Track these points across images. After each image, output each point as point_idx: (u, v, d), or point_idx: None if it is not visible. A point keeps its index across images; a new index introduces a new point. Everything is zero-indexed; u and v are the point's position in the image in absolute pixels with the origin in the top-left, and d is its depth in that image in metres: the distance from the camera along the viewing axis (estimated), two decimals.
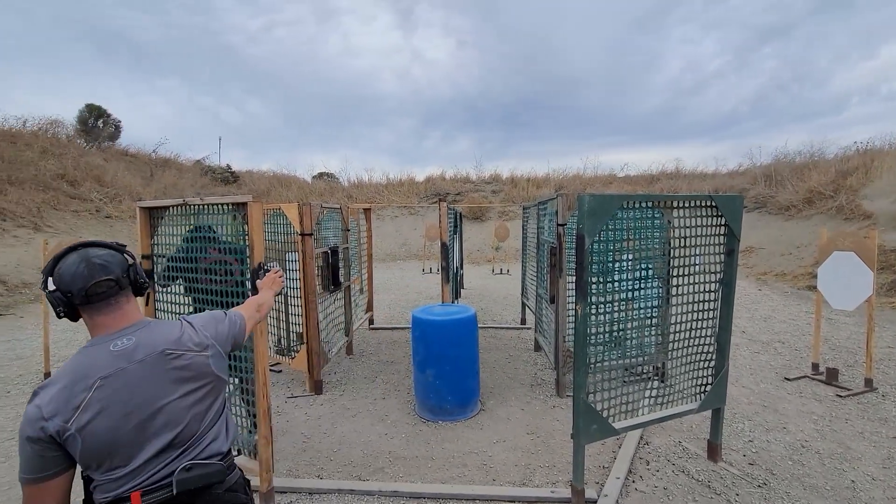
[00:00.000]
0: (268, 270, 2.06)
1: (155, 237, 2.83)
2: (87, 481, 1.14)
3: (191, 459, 1.18)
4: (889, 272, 7.48)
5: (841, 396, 3.84)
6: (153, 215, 2.83)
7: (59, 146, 14.09)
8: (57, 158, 13.01)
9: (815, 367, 4.34)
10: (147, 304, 2.79)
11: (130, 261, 1.25)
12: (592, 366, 2.51)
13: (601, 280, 2.53)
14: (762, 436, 3.24)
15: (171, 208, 2.74)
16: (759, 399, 3.86)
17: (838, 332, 5.73)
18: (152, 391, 1.13)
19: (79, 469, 1.14)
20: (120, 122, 18.43)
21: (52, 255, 1.19)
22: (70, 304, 1.13)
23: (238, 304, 2.57)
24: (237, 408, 2.70)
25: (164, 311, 2.86)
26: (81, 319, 1.17)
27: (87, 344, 1.15)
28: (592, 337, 2.46)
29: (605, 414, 2.46)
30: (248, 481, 1.38)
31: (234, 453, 1.39)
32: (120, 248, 1.25)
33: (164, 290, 2.82)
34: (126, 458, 1.10)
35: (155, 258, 2.80)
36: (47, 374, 4.50)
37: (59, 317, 1.16)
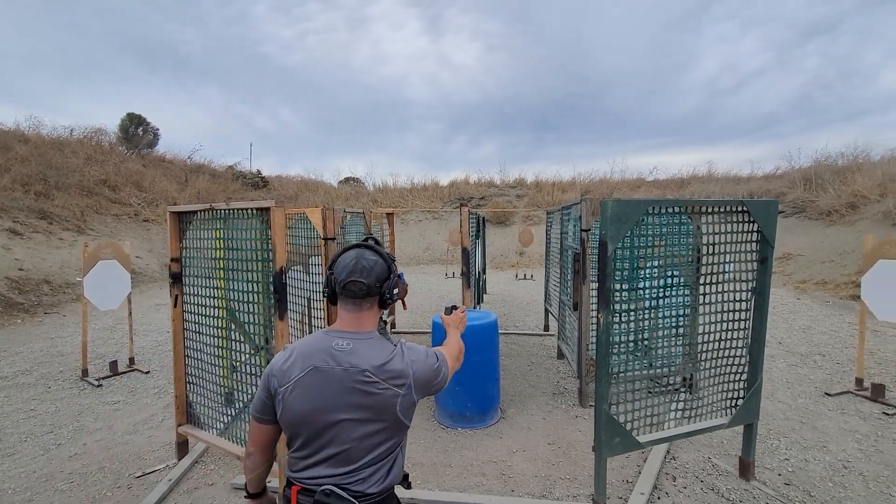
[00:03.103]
0: (454, 307, 1.72)
1: (184, 241, 2.94)
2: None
3: (342, 485, 1.15)
4: None
5: (888, 414, 3.60)
6: (182, 220, 2.93)
7: (101, 153, 14.86)
8: (100, 165, 13.71)
9: (860, 382, 4.09)
10: (175, 307, 2.87)
11: (388, 276, 1.28)
12: (616, 376, 2.43)
13: (625, 287, 2.45)
14: (799, 454, 3.06)
15: (199, 213, 2.83)
16: (797, 415, 3.66)
17: (885, 345, 5.38)
18: (339, 401, 1.15)
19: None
20: (158, 129, 19.35)
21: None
22: (334, 288, 1.26)
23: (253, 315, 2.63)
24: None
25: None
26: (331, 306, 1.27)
27: (326, 329, 1.27)
28: (616, 346, 2.39)
29: (628, 426, 2.37)
30: None
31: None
32: (389, 261, 1.30)
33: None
34: (302, 446, 1.18)
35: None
36: (85, 371, 4.66)
37: (324, 296, 1.31)
